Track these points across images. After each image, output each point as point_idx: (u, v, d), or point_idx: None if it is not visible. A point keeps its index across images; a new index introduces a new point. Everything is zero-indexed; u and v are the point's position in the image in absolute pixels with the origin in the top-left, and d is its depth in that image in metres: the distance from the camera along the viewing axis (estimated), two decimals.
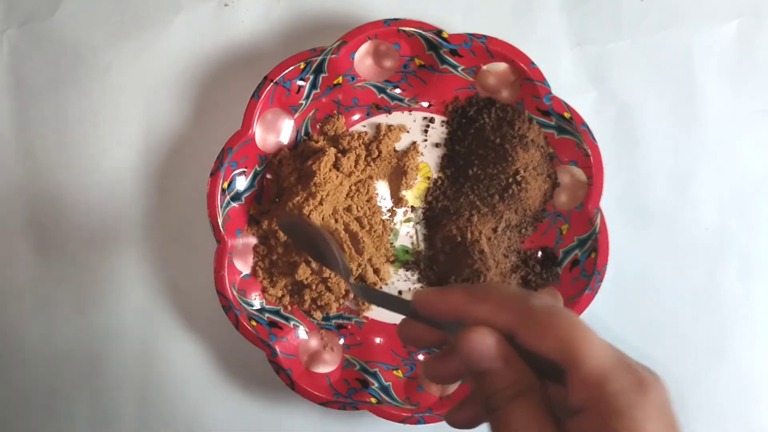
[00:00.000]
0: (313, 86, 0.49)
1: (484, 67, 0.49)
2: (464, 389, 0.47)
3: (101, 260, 0.52)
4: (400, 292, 0.50)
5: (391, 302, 0.33)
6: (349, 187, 0.49)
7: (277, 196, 0.50)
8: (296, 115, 0.50)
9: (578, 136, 0.48)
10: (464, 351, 0.27)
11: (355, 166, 0.49)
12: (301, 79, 0.48)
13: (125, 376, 0.51)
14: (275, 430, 0.51)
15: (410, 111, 0.51)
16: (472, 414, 0.32)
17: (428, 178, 0.51)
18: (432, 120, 0.51)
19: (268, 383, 0.50)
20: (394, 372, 0.49)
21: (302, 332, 0.49)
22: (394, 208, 0.51)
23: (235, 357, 0.51)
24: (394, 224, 0.51)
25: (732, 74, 0.52)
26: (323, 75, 0.48)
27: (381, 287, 0.50)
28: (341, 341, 0.50)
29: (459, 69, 0.49)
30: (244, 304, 0.47)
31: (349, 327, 0.50)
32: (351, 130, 0.51)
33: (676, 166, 0.52)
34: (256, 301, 0.49)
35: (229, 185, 0.48)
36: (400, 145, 0.51)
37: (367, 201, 0.50)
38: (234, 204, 0.48)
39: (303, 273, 0.47)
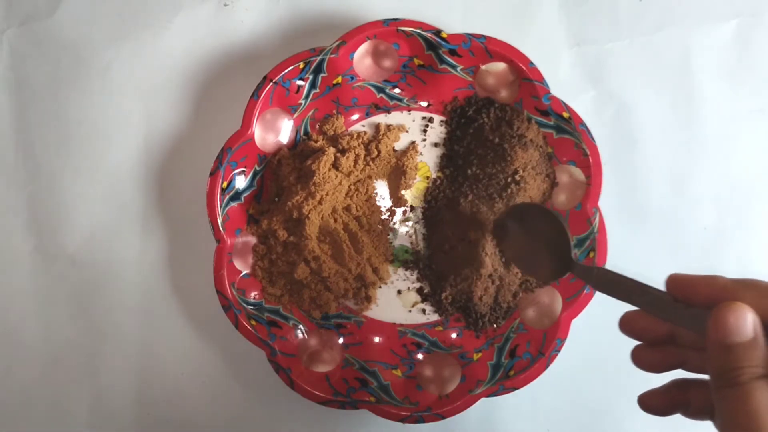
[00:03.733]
0: (313, 86, 0.49)
1: (483, 67, 0.49)
2: (465, 387, 0.47)
3: (101, 260, 0.52)
4: (399, 292, 0.51)
5: (631, 289, 0.34)
6: (349, 186, 0.50)
7: (277, 196, 0.50)
8: (295, 115, 0.50)
9: (577, 136, 0.48)
10: (720, 322, 0.29)
11: (355, 166, 0.49)
12: (301, 79, 0.48)
13: (125, 376, 0.51)
14: (275, 430, 0.51)
15: (409, 111, 0.51)
16: (671, 399, 0.34)
17: (427, 177, 0.51)
18: (431, 120, 0.51)
19: (267, 382, 0.50)
20: (393, 371, 0.49)
21: (301, 331, 0.49)
22: (393, 208, 0.51)
23: (235, 356, 0.51)
24: (394, 224, 0.51)
25: (730, 74, 0.53)
26: (322, 75, 0.48)
27: (380, 287, 0.50)
28: (340, 340, 0.50)
29: (458, 69, 0.49)
30: (243, 304, 0.48)
31: (348, 326, 0.50)
32: (350, 129, 0.51)
33: (674, 165, 0.52)
34: (256, 300, 0.49)
35: (228, 185, 0.48)
36: (399, 144, 0.51)
37: (367, 200, 0.50)
38: (233, 203, 0.48)
39: (302, 272, 0.48)
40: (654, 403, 0.35)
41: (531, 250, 0.44)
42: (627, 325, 0.36)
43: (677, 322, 0.32)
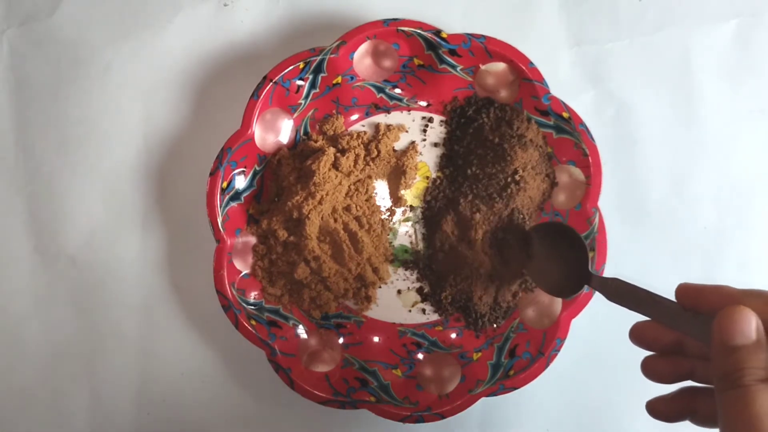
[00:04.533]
0: (313, 86, 0.49)
1: (483, 67, 0.49)
2: (465, 387, 0.48)
3: (101, 260, 0.52)
4: (399, 292, 0.51)
5: (642, 299, 0.36)
6: (348, 186, 0.50)
7: (277, 196, 0.50)
8: (295, 115, 0.50)
9: (576, 136, 0.48)
10: (724, 324, 0.29)
11: (354, 166, 0.49)
12: (301, 79, 0.48)
13: (125, 376, 0.51)
14: (275, 430, 0.51)
15: (409, 111, 0.51)
16: (680, 406, 0.35)
17: (427, 177, 0.51)
18: (431, 120, 0.51)
19: (267, 382, 0.50)
20: (393, 371, 0.49)
21: (301, 331, 0.49)
22: (393, 208, 0.51)
23: (235, 356, 0.51)
24: (393, 223, 0.51)
25: (730, 74, 0.53)
26: (322, 75, 0.48)
27: (380, 286, 0.50)
28: (340, 340, 0.50)
29: (458, 69, 0.49)
30: (243, 304, 0.48)
31: (348, 326, 0.50)
32: (350, 129, 0.51)
33: (674, 165, 0.52)
34: (256, 300, 0.49)
35: (228, 185, 0.48)
36: (399, 144, 0.51)
37: (366, 200, 0.50)
38: (233, 203, 0.48)
39: (302, 272, 0.48)
40: (662, 409, 0.36)
41: (550, 268, 0.46)
42: (637, 334, 0.37)
43: (686, 330, 0.33)
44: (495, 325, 0.50)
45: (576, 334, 0.47)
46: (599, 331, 0.50)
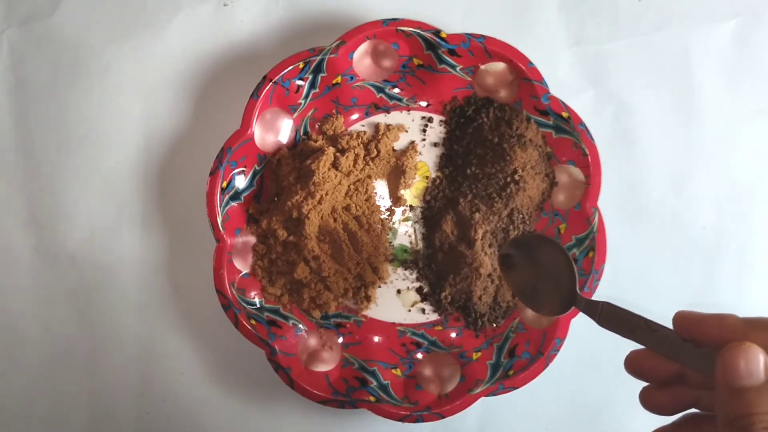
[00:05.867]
0: (312, 86, 0.49)
1: (483, 67, 0.49)
2: (464, 387, 0.47)
3: (101, 260, 0.52)
4: (398, 291, 0.51)
5: (637, 326, 0.32)
6: (348, 186, 0.50)
7: (276, 196, 0.50)
8: (295, 115, 0.50)
9: (576, 136, 0.48)
10: (729, 363, 0.26)
11: (354, 166, 0.49)
12: (300, 79, 0.48)
13: (125, 376, 0.51)
14: (274, 429, 0.51)
15: (409, 110, 0.51)
16: None
17: (427, 177, 0.51)
18: (430, 119, 0.51)
19: (267, 382, 0.50)
20: (393, 370, 0.49)
21: (301, 331, 0.49)
22: (392, 207, 0.51)
23: (235, 356, 0.51)
24: (393, 223, 0.51)
25: (729, 74, 0.53)
26: (322, 75, 0.48)
27: (380, 286, 0.50)
28: (340, 340, 0.50)
29: (457, 69, 0.49)
30: (243, 303, 0.48)
31: (348, 326, 0.50)
32: (350, 129, 0.51)
33: (673, 165, 0.52)
34: (256, 299, 0.49)
35: (228, 184, 0.48)
36: (399, 144, 0.51)
37: (366, 200, 0.50)
38: (233, 203, 0.48)
39: (302, 272, 0.48)
40: None
41: (535, 284, 0.41)
42: (633, 364, 0.34)
43: (685, 362, 0.31)
44: (494, 325, 0.50)
45: (576, 334, 0.47)
46: (599, 331, 0.50)
